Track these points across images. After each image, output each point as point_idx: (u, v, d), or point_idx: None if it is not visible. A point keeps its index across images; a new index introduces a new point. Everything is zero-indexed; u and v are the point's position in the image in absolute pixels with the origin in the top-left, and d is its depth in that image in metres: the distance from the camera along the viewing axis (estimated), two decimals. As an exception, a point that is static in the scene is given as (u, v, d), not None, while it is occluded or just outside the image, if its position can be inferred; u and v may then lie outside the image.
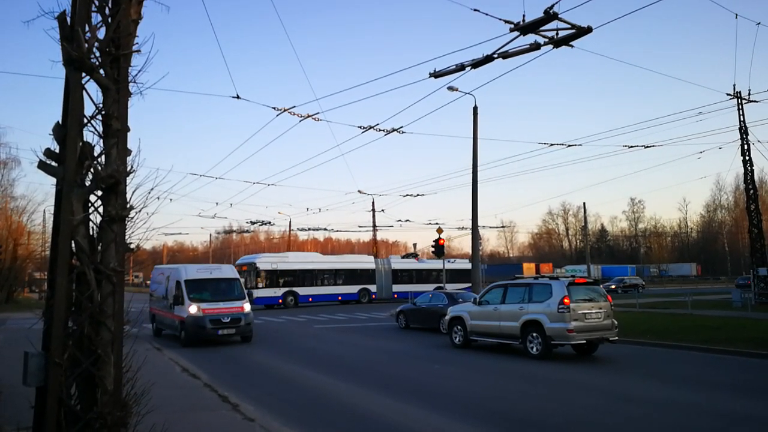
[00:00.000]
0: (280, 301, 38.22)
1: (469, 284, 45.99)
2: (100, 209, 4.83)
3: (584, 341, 14.43)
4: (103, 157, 4.86)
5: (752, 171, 30.47)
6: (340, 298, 41.52)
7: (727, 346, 15.51)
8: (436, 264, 47.79)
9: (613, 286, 55.86)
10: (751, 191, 30.88)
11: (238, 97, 16.43)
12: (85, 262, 4.63)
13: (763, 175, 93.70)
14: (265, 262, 38.83)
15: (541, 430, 8.19)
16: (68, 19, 4.77)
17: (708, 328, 19.12)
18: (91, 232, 4.79)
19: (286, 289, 38.81)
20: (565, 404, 9.73)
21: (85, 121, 4.87)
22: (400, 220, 54.61)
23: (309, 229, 59.09)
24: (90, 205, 4.82)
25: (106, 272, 4.66)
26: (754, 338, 16.34)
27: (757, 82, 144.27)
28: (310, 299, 39.81)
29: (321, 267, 42.38)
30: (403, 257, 50.85)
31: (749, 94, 28.20)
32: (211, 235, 69.48)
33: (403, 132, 20.27)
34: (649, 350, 16.25)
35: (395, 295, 44.55)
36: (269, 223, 51.95)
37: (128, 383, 4.90)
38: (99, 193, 4.82)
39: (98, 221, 4.84)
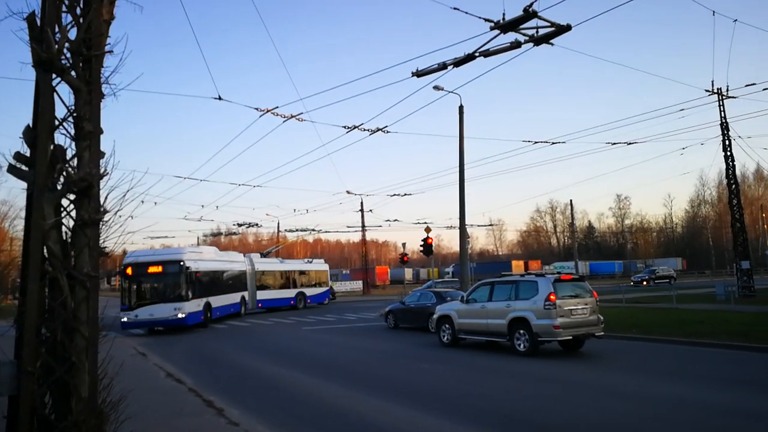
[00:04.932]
0: (203, 317, 26.78)
1: (326, 288, 42.33)
2: (73, 213, 4.73)
3: (570, 337, 14.46)
4: (75, 160, 4.76)
5: (734, 166, 30.77)
6: (232, 310, 31.69)
7: (711, 339, 15.62)
8: (297, 265, 42.15)
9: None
10: (733, 186, 31.14)
11: (220, 98, 16.33)
12: (57, 268, 4.53)
13: (745, 170, 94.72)
14: (192, 259, 26.58)
15: (530, 427, 8.16)
16: (38, 20, 4.68)
17: (692, 322, 19.26)
18: (64, 237, 4.70)
19: (204, 299, 27.14)
20: (553, 401, 9.72)
21: (57, 123, 4.77)
22: (388, 220, 54.67)
23: (297, 230, 58.87)
24: (63, 209, 4.73)
25: (80, 278, 4.57)
26: (736, 331, 16.47)
27: (734, 79, 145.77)
28: (218, 313, 29.34)
29: (221, 267, 31.36)
30: (263, 255, 40.21)
31: (727, 90, 28.44)
32: (198, 238, 68.80)
33: (387, 131, 20.29)
34: (635, 345, 16.31)
35: (259, 305, 35.51)
36: (256, 224, 51.65)
37: (104, 390, 4.81)
38: (72, 196, 4.72)
39: (71, 225, 4.74)
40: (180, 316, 24.50)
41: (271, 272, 37.54)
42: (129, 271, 24.96)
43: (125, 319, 24.15)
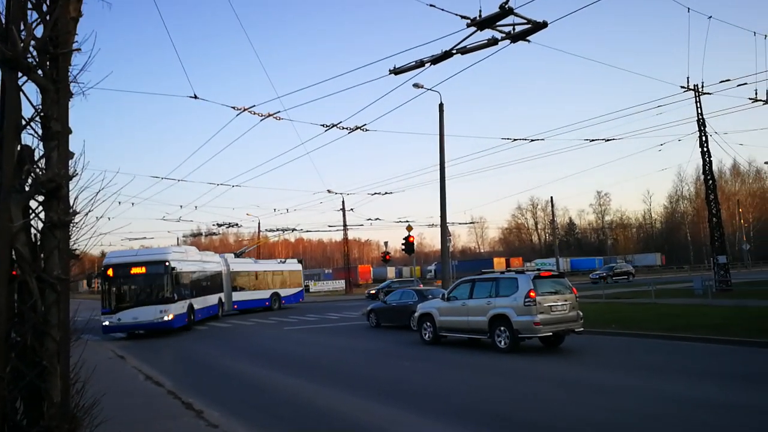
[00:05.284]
0: (187, 320, 25.67)
1: (300, 288, 41.12)
2: (42, 215, 4.64)
3: (551, 333, 14.53)
4: (43, 160, 4.67)
5: (710, 162, 31.07)
6: (211, 312, 30.77)
7: (688, 333, 15.79)
8: (271, 265, 41.23)
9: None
10: (710, 182, 31.47)
11: (195, 96, 16.18)
12: (26, 271, 4.43)
13: (722, 166, 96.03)
14: (176, 259, 25.41)
15: (511, 424, 8.18)
16: (2, 18, 4.58)
17: (670, 316, 19.49)
18: (33, 239, 4.60)
19: (188, 301, 26.03)
20: (534, 397, 9.77)
21: (24, 123, 4.67)
22: (370, 219, 54.48)
23: (278, 230, 58.56)
24: (31, 210, 4.63)
25: (50, 280, 4.47)
26: (712, 325, 16.70)
27: (710, 75, 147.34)
28: (200, 315, 28.26)
29: (202, 268, 30.03)
30: (237, 255, 39.56)
31: (702, 87, 28.73)
32: (178, 238, 68.09)
33: (366, 130, 20.20)
34: (615, 340, 16.45)
35: (235, 306, 34.53)
36: (237, 225, 51.31)
37: (77, 394, 4.73)
38: (40, 198, 4.63)
39: (40, 227, 4.65)
40: (166, 318, 23.36)
41: (246, 273, 36.53)
42: (110, 272, 23.53)
43: (107, 323, 22.99)
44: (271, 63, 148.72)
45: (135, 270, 23.84)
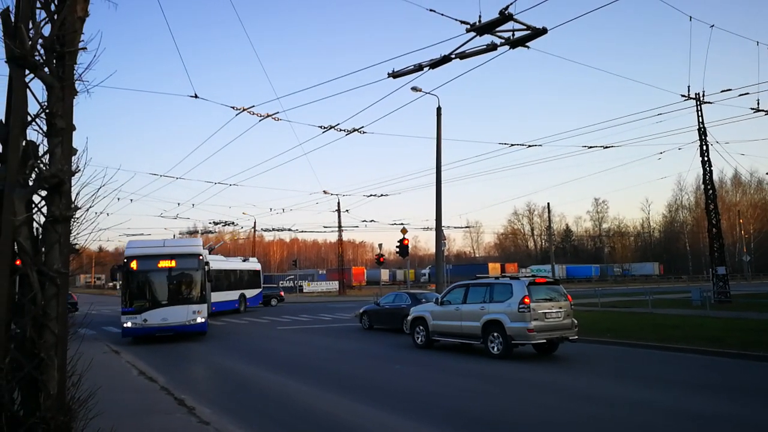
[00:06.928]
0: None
1: (259, 290, 39.05)
2: (44, 209, 4.73)
3: (544, 340, 14.58)
4: (47, 156, 4.76)
5: (711, 171, 31.08)
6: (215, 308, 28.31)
7: (684, 344, 15.77)
8: (238, 264, 38.32)
9: None
10: (710, 191, 31.45)
11: (196, 96, 16.28)
12: (27, 264, 4.52)
13: (723, 176, 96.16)
14: (205, 253, 22.84)
15: (499, 429, 8.25)
16: (12, 16, 4.67)
17: (667, 327, 19.50)
18: (35, 233, 4.69)
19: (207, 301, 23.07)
20: (524, 403, 9.84)
21: (29, 119, 4.76)
22: (365, 221, 54.66)
23: (274, 230, 58.71)
24: (34, 205, 4.72)
25: (50, 274, 4.56)
26: (709, 336, 16.68)
27: (711, 84, 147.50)
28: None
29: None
30: (210, 251, 34.28)
31: (703, 96, 28.78)
32: (174, 235, 68.04)
33: (364, 132, 20.33)
34: (609, 349, 16.50)
35: (213, 308, 30.58)
36: (233, 223, 51.43)
37: (73, 387, 4.81)
38: (43, 193, 4.71)
39: (42, 221, 4.74)
40: (199, 320, 20.65)
41: (220, 271, 33.14)
42: (134, 265, 20.20)
43: (129, 324, 19.91)
44: (271, 65, 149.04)
45: (164, 263, 20.76)
